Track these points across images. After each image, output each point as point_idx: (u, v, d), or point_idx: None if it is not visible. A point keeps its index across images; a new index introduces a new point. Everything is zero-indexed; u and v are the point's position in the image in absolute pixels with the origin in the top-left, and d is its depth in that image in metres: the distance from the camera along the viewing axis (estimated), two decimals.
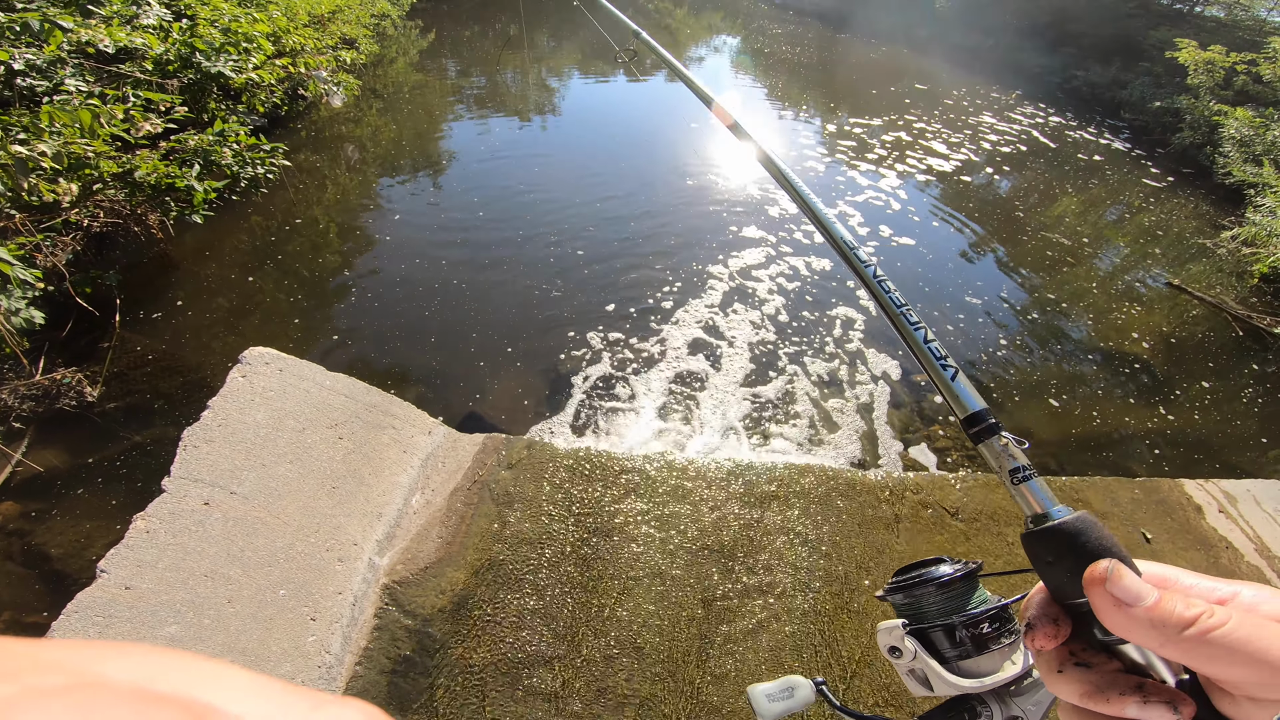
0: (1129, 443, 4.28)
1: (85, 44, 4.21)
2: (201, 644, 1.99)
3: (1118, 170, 10.25)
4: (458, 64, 11.69)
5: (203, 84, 5.11)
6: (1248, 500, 3.34)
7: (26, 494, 3.14)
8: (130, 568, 2.03)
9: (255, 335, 4.17)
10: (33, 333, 3.49)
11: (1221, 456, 4.28)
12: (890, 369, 4.56)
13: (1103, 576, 0.40)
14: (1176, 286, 6.42)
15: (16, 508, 3.08)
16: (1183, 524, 3.16)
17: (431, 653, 2.29)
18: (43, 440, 3.38)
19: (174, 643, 1.94)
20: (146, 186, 3.96)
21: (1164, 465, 4.12)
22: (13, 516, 3.05)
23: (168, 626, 1.98)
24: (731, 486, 3.02)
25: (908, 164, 8.65)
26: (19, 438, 3.33)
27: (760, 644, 2.50)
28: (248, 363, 2.51)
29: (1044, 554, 0.47)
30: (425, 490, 2.71)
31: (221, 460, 2.27)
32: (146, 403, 3.65)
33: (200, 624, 2.02)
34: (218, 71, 4.96)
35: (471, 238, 5.61)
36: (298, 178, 6.37)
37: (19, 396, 3.42)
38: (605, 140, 8.56)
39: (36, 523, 3.02)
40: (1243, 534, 3.16)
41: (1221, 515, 3.23)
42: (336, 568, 2.34)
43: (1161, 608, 0.37)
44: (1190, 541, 3.09)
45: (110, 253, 4.37)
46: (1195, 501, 3.27)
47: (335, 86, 7.75)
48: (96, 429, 3.47)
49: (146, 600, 1.99)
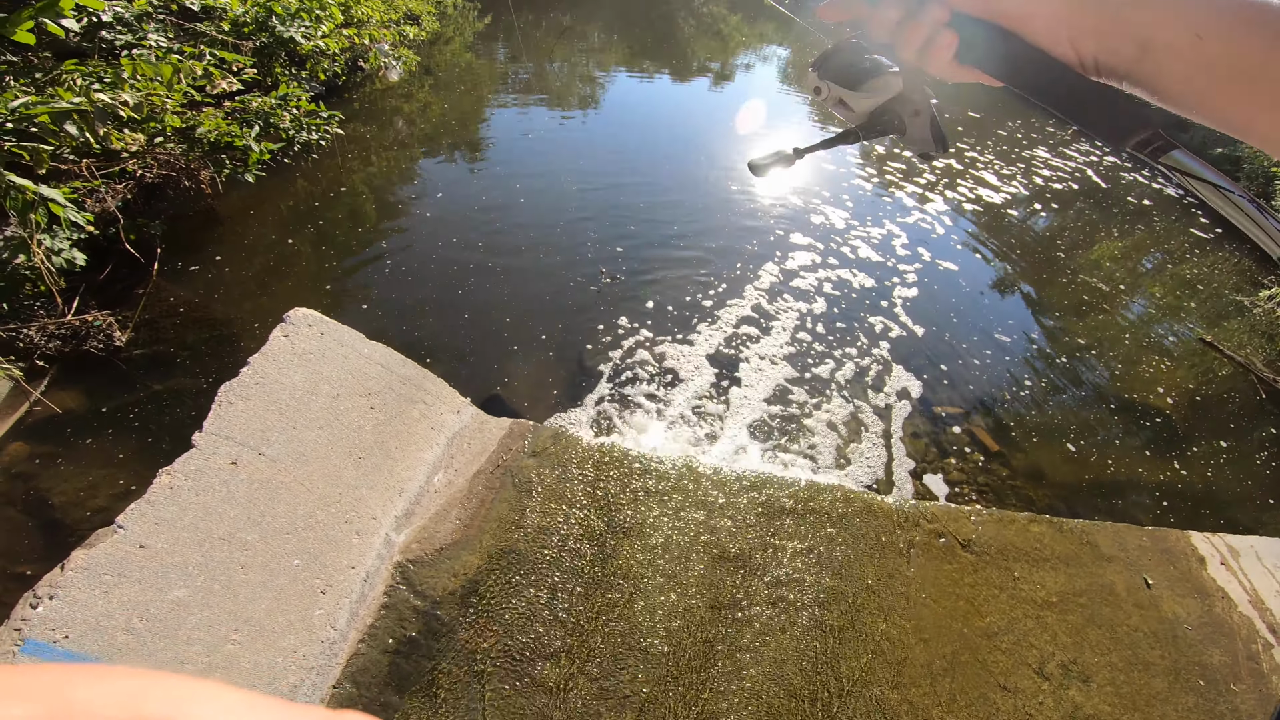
0: (1140, 492, 4.27)
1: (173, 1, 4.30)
2: (208, 610, 1.96)
3: (1166, 217, 10.00)
4: (510, 49, 11.75)
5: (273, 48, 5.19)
6: (1249, 555, 3.45)
7: (38, 436, 3.13)
8: (148, 525, 1.99)
9: (288, 296, 4.21)
10: (71, 273, 3.54)
11: (1229, 513, 4.27)
12: (913, 397, 4.50)
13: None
14: (1208, 343, 6.27)
15: (25, 449, 3.07)
16: (1184, 572, 3.25)
17: (437, 636, 2.28)
18: (64, 381, 3.40)
19: (179, 607, 1.91)
20: (206, 143, 4.03)
21: (1170, 517, 4.11)
22: (20, 458, 3.03)
23: (176, 590, 1.93)
24: (750, 498, 3.00)
25: (956, 192, 8.53)
26: (40, 376, 3.35)
27: (764, 655, 2.49)
28: (291, 322, 2.52)
29: None
30: (448, 470, 2.71)
31: (255, 420, 2.27)
32: (172, 353, 3.69)
33: (210, 589, 1.99)
34: (289, 37, 5.04)
35: (510, 222, 5.62)
36: (347, 146, 6.44)
37: (47, 335, 3.45)
38: (651, 139, 8.54)
39: (43, 467, 3.01)
40: (1240, 586, 3.26)
41: (1223, 567, 3.33)
42: (353, 541, 2.33)
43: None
44: (1188, 589, 3.17)
45: (158, 203, 4.44)
46: (1200, 553, 3.36)
47: (395, 61, 7.84)
48: (119, 375, 3.50)
49: (159, 560, 1.95)
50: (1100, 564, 3.18)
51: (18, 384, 3.15)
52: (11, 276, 3.35)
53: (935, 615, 2.77)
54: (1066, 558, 3.16)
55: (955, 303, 5.91)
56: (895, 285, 5.86)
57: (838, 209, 7.16)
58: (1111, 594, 3.06)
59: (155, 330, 3.78)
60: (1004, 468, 4.11)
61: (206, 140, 4.07)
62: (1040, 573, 3.06)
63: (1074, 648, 2.80)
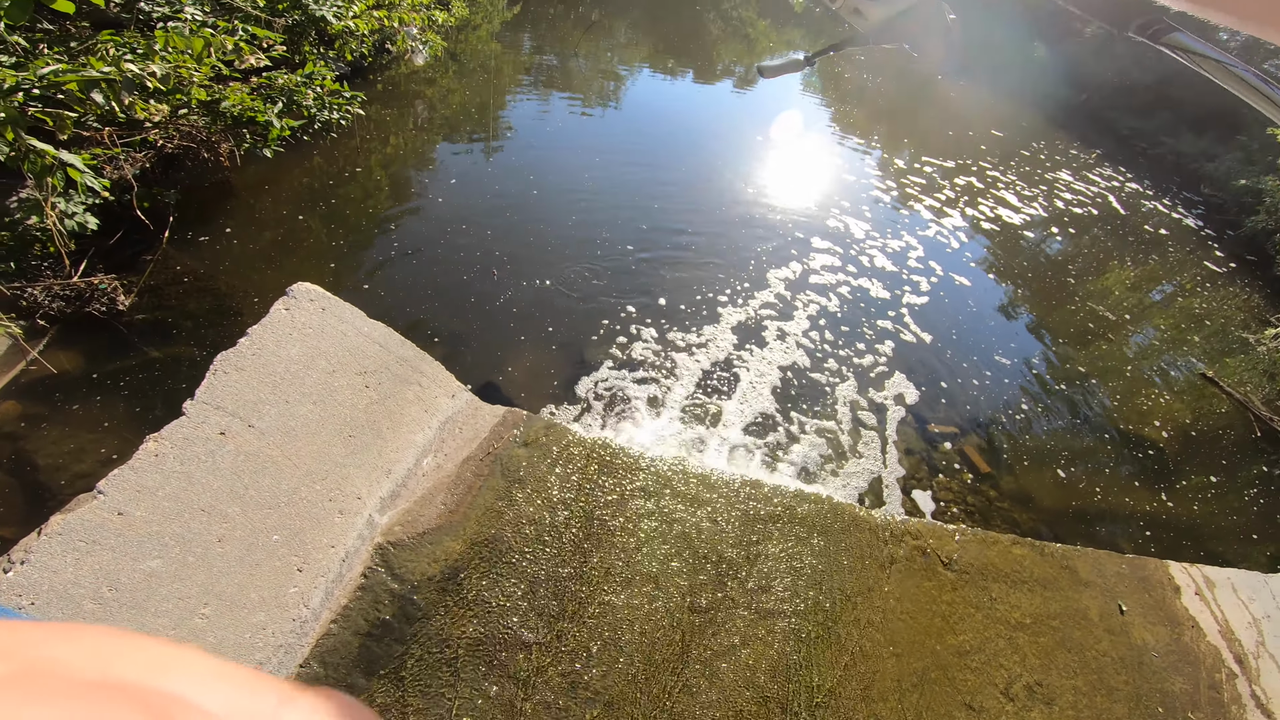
0: (1126, 521, 4.30)
1: None
2: (180, 582, 1.93)
3: (1180, 248, 9.90)
4: (535, 40, 11.77)
5: (304, 26, 5.22)
6: (1225, 586, 3.52)
7: (31, 395, 3.13)
8: (129, 492, 1.97)
9: (294, 272, 4.25)
10: (81, 237, 3.58)
11: (1212, 546, 4.31)
12: (910, 413, 4.51)
13: None
14: (1209, 378, 6.25)
15: (17, 409, 3.06)
16: (1158, 600, 3.32)
17: (412, 620, 2.29)
18: (63, 342, 3.41)
19: (151, 578, 1.90)
20: (228, 116, 4.06)
21: (1152, 547, 4.15)
22: (10, 418, 3.02)
23: (150, 560, 1.91)
24: (739, 501, 3.00)
25: (975, 209, 8.49)
26: (40, 336, 3.36)
27: (739, 659, 2.49)
28: (294, 296, 2.54)
29: None
30: (438, 454, 2.72)
31: (247, 391, 2.29)
32: (173, 320, 3.72)
33: (184, 561, 1.97)
34: (320, 15, 5.07)
35: (522, 214, 5.64)
36: (367, 128, 6.48)
37: (51, 295, 3.47)
38: (669, 139, 8.54)
39: (32, 427, 3.00)
40: (1211, 616, 3.33)
41: (1196, 597, 3.41)
42: (335, 519, 2.35)
43: None
44: (1160, 617, 3.23)
45: (176, 173, 4.48)
46: (1176, 582, 3.44)
47: (422, 45, 7.86)
48: (118, 339, 3.53)
49: (136, 529, 1.93)
50: (1077, 589, 3.21)
51: (16, 342, 3.17)
52: (22, 236, 3.39)
53: (910, 630, 2.78)
54: (1045, 581, 3.18)
55: (961, 320, 5.89)
56: (903, 298, 5.84)
57: (855, 219, 7.15)
58: (1084, 618, 3.09)
59: (159, 297, 3.82)
60: (993, 489, 4.12)
61: (230, 114, 4.11)
62: (1017, 594, 3.08)
63: (1041, 670, 2.82)
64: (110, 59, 2.95)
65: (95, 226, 3.57)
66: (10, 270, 3.41)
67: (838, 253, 6.28)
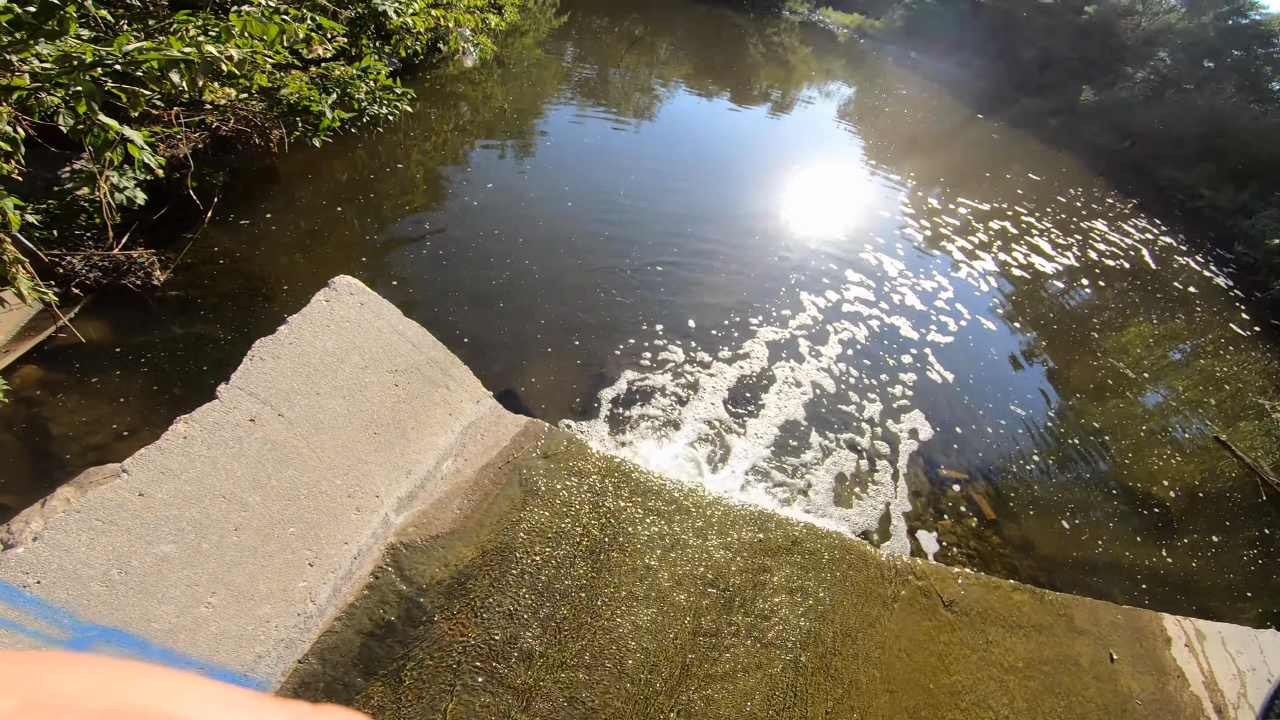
0: (1123, 574, 4.31)
1: None
2: (190, 569, 1.91)
3: (1208, 307, 9.79)
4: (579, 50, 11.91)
5: (365, 20, 5.32)
6: (1215, 639, 3.63)
7: (54, 362, 3.15)
8: (153, 473, 1.94)
9: (327, 262, 4.31)
10: (127, 211, 3.64)
11: (1207, 601, 4.33)
12: (922, 455, 4.50)
13: None
14: (1222, 442, 6.24)
15: (38, 374, 3.06)
16: (1149, 651, 3.40)
17: (416, 623, 2.29)
18: (94, 312, 3.46)
19: (163, 563, 1.87)
20: (285, 104, 4.14)
21: (1147, 599, 4.15)
22: (30, 383, 3.02)
23: (164, 544, 1.89)
24: (747, 531, 3.00)
25: (1007, 255, 8.48)
26: (73, 304, 3.40)
27: (736, 686, 2.49)
28: (335, 289, 2.56)
29: None
30: (459, 458, 2.73)
31: (281, 380, 2.31)
32: (206, 299, 3.78)
33: (198, 548, 1.94)
34: (383, 10, 5.16)
35: (555, 225, 5.68)
36: (411, 124, 6.58)
37: (90, 265, 3.52)
38: (704, 159, 8.59)
39: (50, 393, 3.01)
40: (1198, 667, 3.44)
41: (1186, 649, 3.51)
42: (352, 516, 2.35)
43: None
44: (1148, 667, 3.32)
45: (226, 156, 4.58)
46: (1168, 634, 3.53)
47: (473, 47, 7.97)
48: (148, 313, 3.58)
49: (155, 511, 1.90)
50: (1071, 636, 3.24)
51: (49, 308, 3.20)
52: (69, 206, 3.46)
53: (906, 668, 2.79)
54: (1041, 627, 3.21)
55: (981, 365, 5.88)
56: (925, 340, 5.83)
57: (887, 255, 7.16)
58: (1076, 665, 3.13)
59: (194, 275, 3.89)
60: (996, 535, 4.12)
61: (287, 101, 4.18)
62: (1013, 638, 3.10)
63: (1028, 713, 2.84)
64: (189, 39, 3.00)
65: (143, 201, 3.64)
66: (52, 238, 3.48)
67: (869, 286, 6.30)
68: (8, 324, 3.17)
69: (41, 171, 3.58)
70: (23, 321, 3.23)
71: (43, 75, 2.50)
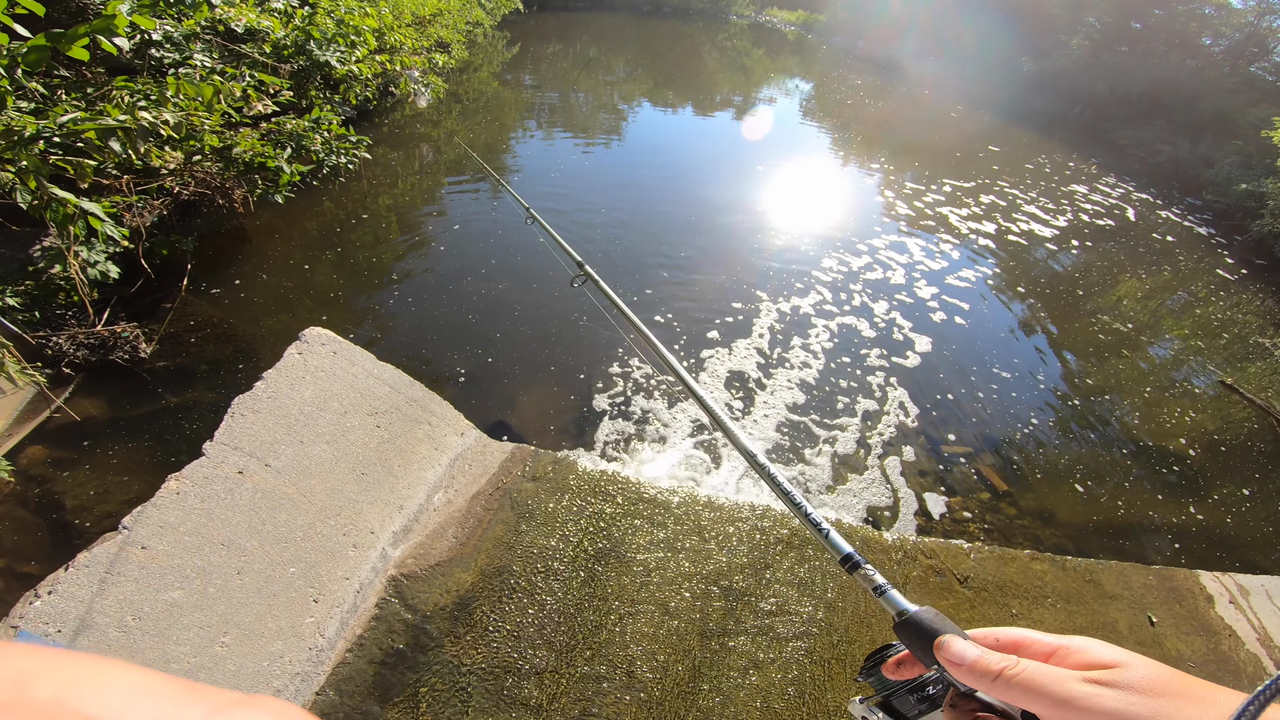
0: (1151, 534, 4.22)
1: (219, 21, 4.52)
2: (200, 612, 2.01)
3: (1190, 256, 9.89)
4: (536, 78, 12.10)
5: (309, 71, 5.41)
6: (1260, 594, 3.42)
7: (57, 441, 3.23)
8: (152, 528, 2.06)
9: (307, 316, 4.36)
10: (104, 285, 3.69)
11: (1243, 555, 4.21)
12: (922, 434, 4.49)
13: (939, 645, 0.57)
14: (1229, 386, 6.15)
15: (44, 453, 3.16)
16: (1191, 611, 3.23)
17: (425, 649, 2.33)
18: (87, 390, 3.52)
19: (173, 608, 1.98)
20: (241, 163, 4.21)
21: (1182, 558, 4.05)
22: (37, 461, 3.12)
23: (171, 591, 1.99)
24: (746, 528, 3.02)
25: (988, 225, 8.58)
26: (65, 384, 3.47)
27: (750, 683, 2.49)
28: (306, 340, 2.63)
29: (906, 637, 0.65)
30: (449, 489, 2.78)
31: (264, 432, 2.37)
32: (193, 366, 3.82)
33: (205, 592, 2.05)
34: (324, 60, 5.26)
35: (524, 259, 5.74)
36: (374, 171, 6.68)
37: (76, 344, 3.58)
38: (673, 173, 8.70)
39: (59, 470, 3.10)
40: (1248, 624, 3.24)
41: (1231, 606, 3.31)
42: (350, 553, 2.40)
43: (980, 662, 0.52)
44: (1194, 627, 3.14)
45: (193, 220, 4.65)
46: (1208, 591, 3.34)
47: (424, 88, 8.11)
48: (142, 386, 3.63)
49: (158, 562, 2.01)
50: (1103, 602, 3.14)
51: (41, 390, 3.28)
52: (46, 286, 3.52)
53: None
54: (1068, 595, 3.13)
55: (973, 339, 5.91)
56: (912, 319, 5.88)
57: (867, 239, 7.25)
58: (1114, 631, 3.02)
59: (179, 344, 3.94)
60: (1012, 507, 4.08)
61: (242, 160, 4.27)
62: (1039, 610, 3.03)
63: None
64: (125, 106, 3.06)
65: (117, 275, 3.69)
66: (35, 319, 3.53)
67: (842, 286, 6.33)
68: (7, 408, 3.23)
69: (14, 252, 3.63)
70: (22, 404, 3.30)
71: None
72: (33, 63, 2.32)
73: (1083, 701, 0.46)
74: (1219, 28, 20.05)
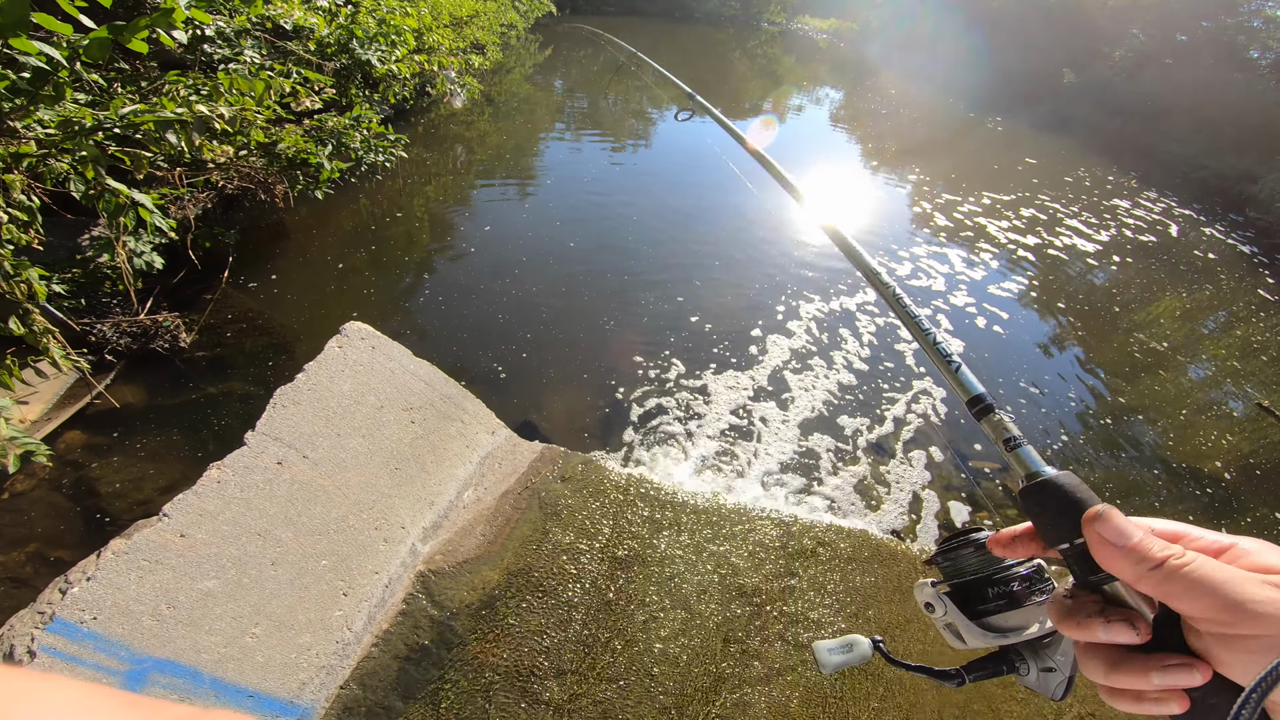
0: None
1: (268, 19, 4.63)
2: (234, 602, 2.03)
3: (1231, 275, 9.60)
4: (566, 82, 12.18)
5: (351, 70, 5.52)
6: None
7: (96, 427, 3.30)
8: (192, 515, 2.07)
9: (342, 311, 4.43)
10: (148, 275, 3.78)
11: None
12: (950, 447, 4.42)
13: (1094, 515, 0.48)
14: (1265, 409, 5.98)
15: (82, 438, 3.22)
16: None
17: (450, 646, 2.34)
18: (128, 377, 3.60)
19: (207, 597, 2.00)
20: (284, 158, 4.29)
21: None
22: (75, 446, 3.18)
23: (207, 580, 2.01)
24: (772, 536, 3.00)
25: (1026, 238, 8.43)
26: (108, 370, 3.55)
27: (771, 691, 2.47)
28: (346, 335, 2.67)
29: (1036, 504, 0.54)
30: (479, 487, 2.79)
31: (303, 424, 2.41)
32: (230, 357, 3.90)
33: (240, 582, 2.06)
34: (366, 59, 5.36)
35: (556, 264, 5.76)
36: (409, 170, 6.78)
37: (120, 332, 3.67)
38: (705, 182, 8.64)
39: (96, 456, 3.16)
40: None
41: None
42: (380, 547, 2.42)
43: (1143, 544, 0.45)
44: None
45: (235, 213, 4.75)
46: None
47: (459, 88, 8.21)
48: (178, 375, 3.71)
49: (196, 550, 2.03)
50: None
51: (84, 376, 3.35)
52: (94, 274, 3.61)
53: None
54: None
55: (1005, 352, 5.81)
56: (945, 331, 5.78)
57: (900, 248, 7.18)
58: None
59: (217, 335, 4.02)
60: None
61: (285, 155, 4.35)
62: None
63: (1094, 700, 2.68)
64: (180, 100, 3.13)
65: (161, 265, 3.79)
66: (80, 306, 3.63)
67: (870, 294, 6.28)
68: (47, 393, 3.31)
69: (62, 240, 3.74)
70: (62, 390, 3.38)
71: (47, 141, 2.62)
72: (94, 55, 2.37)
73: (1261, 607, 0.39)
74: (1267, 41, 19.49)
